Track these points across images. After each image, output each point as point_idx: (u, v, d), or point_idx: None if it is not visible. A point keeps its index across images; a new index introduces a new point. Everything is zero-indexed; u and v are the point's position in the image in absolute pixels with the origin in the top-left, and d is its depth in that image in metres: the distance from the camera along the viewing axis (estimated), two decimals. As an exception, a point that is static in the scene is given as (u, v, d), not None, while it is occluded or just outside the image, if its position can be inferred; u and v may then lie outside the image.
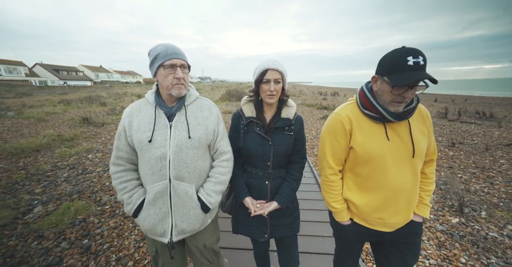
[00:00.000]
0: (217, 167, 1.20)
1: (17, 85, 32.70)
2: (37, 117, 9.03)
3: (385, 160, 1.01)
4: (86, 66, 58.65)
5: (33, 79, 41.66)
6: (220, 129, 1.20)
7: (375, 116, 1.01)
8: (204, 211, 1.14)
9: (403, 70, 0.87)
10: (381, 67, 0.95)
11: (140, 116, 1.09)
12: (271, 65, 1.11)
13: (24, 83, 37.01)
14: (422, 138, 1.03)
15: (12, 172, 3.99)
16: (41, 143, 5.48)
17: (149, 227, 1.09)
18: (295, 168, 1.27)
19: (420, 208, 1.11)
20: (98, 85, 46.83)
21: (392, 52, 0.91)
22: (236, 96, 15.58)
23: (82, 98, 16.55)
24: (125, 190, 1.10)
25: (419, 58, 0.86)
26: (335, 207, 1.15)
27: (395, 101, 0.95)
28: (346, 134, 1.06)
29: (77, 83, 47.68)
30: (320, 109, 12.67)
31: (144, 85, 53.97)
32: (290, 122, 1.20)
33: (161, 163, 1.04)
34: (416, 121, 1.04)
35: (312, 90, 36.39)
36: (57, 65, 51.26)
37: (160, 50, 1.01)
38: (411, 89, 0.90)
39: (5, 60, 41.46)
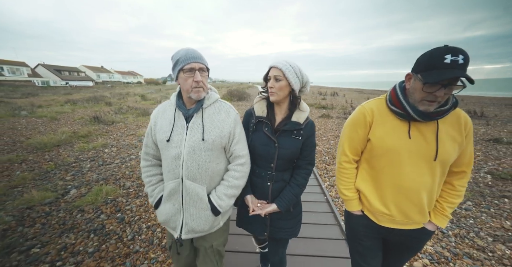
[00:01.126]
0: (231, 171, 1.21)
1: (20, 86, 33.18)
2: (49, 116, 9.51)
3: (400, 157, 0.99)
4: (87, 67, 59.16)
5: (35, 79, 42.15)
6: (236, 133, 1.18)
7: (400, 113, 1.00)
8: (214, 214, 1.15)
9: (438, 67, 0.84)
10: (418, 64, 0.91)
11: (163, 117, 1.16)
12: (274, 63, 1.15)
13: (27, 84, 37.49)
14: (451, 144, 0.97)
15: (42, 163, 4.48)
16: (61, 138, 5.97)
17: (164, 219, 1.16)
18: (300, 174, 1.26)
19: (438, 217, 1.06)
20: (99, 85, 47.30)
21: (432, 49, 0.88)
22: (237, 96, 16.06)
23: (87, 98, 16.98)
24: (150, 183, 1.20)
25: (458, 57, 0.81)
26: (346, 194, 1.17)
27: (426, 99, 0.91)
28: (366, 126, 1.07)
29: (79, 84, 48.16)
30: (319, 108, 13.15)
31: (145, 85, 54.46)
32: (299, 127, 1.18)
33: (175, 162, 1.09)
34: (449, 126, 0.98)
35: (312, 90, 36.83)
36: (59, 65, 51.72)
37: (180, 55, 1.05)
38: (444, 88, 0.85)
39: (8, 60, 41.95)
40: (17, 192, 3.30)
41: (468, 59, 0.82)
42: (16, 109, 10.46)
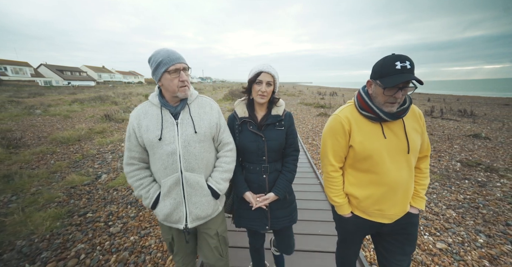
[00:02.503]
0: (222, 157, 1.30)
1: (24, 86, 33.62)
2: (63, 114, 10.11)
3: (382, 156, 1.08)
4: (89, 67, 59.60)
5: (38, 79, 42.64)
6: (221, 123, 1.29)
7: (372, 117, 1.09)
8: (215, 197, 1.24)
9: (392, 73, 0.97)
10: (374, 72, 1.05)
11: (147, 118, 1.17)
12: (265, 68, 1.22)
13: (30, 84, 37.93)
14: (416, 135, 1.11)
15: (70, 155, 5.08)
16: (81, 134, 6.57)
17: (165, 216, 1.19)
18: (289, 161, 1.37)
19: (416, 200, 1.18)
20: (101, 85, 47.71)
21: (383, 59, 1.01)
22: (239, 96, 16.66)
23: (92, 98, 17.50)
24: (142, 186, 1.20)
25: (406, 63, 0.95)
26: (337, 201, 1.23)
27: (388, 102, 1.03)
28: (345, 134, 1.14)
29: (81, 84, 48.58)
30: (317, 107, 13.73)
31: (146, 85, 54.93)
32: (280, 118, 1.30)
33: (172, 157, 1.13)
34: (410, 120, 1.12)
35: (312, 90, 37.45)
36: (61, 65, 52.16)
37: (162, 57, 1.08)
38: (401, 91, 0.98)
39: (12, 61, 42.44)
40: (58, 176, 3.90)
41: (413, 64, 0.97)
42: (30, 108, 11.04)
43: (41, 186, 3.48)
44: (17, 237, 2.31)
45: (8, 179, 3.55)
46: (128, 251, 2.18)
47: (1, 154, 4.69)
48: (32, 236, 2.34)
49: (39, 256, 2.08)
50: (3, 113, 9.62)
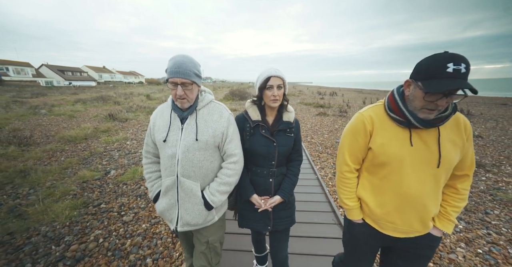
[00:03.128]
0: (224, 169, 1.27)
1: (25, 86, 33.84)
2: (67, 114, 10.35)
3: (403, 165, 0.98)
4: (90, 67, 59.85)
5: (40, 79, 42.88)
6: (229, 132, 1.25)
7: (401, 120, 0.99)
8: (207, 209, 1.21)
9: (440, 76, 0.82)
10: (417, 71, 0.90)
11: (161, 118, 1.23)
12: (274, 73, 1.23)
13: (32, 84, 38.17)
14: (453, 149, 0.97)
15: (78, 152, 5.31)
16: (87, 133, 6.80)
17: (160, 212, 1.25)
18: (294, 165, 1.42)
19: (443, 222, 1.05)
20: (102, 85, 47.90)
21: (432, 56, 0.86)
22: (239, 96, 16.88)
23: (94, 98, 17.71)
24: (150, 179, 1.29)
25: (460, 66, 0.80)
26: (348, 204, 1.16)
27: (426, 108, 0.90)
28: (366, 134, 1.06)
29: (81, 84, 48.78)
30: (317, 107, 13.95)
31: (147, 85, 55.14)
32: (291, 125, 1.33)
33: (171, 160, 1.16)
34: (450, 131, 0.97)
35: (312, 90, 37.63)
36: (62, 66, 52.42)
37: (169, 66, 1.10)
38: (446, 98, 0.85)
39: (13, 61, 42.70)
40: (69, 172, 4.13)
41: (470, 67, 0.81)
42: (36, 108, 11.28)
43: (55, 181, 3.72)
44: (41, 224, 2.54)
45: (25, 174, 3.78)
46: (141, 237, 2.42)
47: (14, 151, 4.93)
48: (53, 223, 2.57)
49: (63, 240, 2.31)
50: (10, 113, 9.86)
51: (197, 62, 1.17)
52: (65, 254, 2.12)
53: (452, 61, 0.81)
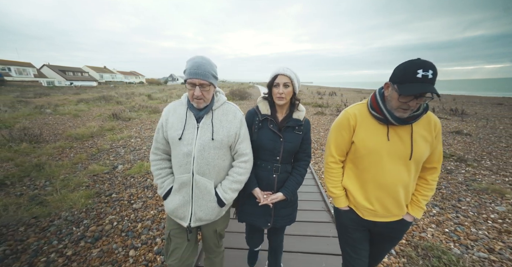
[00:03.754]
0: (235, 167, 1.31)
1: (27, 86, 34.15)
2: (72, 113, 10.66)
3: (381, 157, 1.10)
4: (90, 67, 60.13)
5: (41, 80, 43.18)
6: (241, 133, 1.29)
7: (380, 118, 1.11)
8: (220, 205, 1.26)
9: (411, 81, 0.95)
10: (394, 75, 1.02)
11: (175, 115, 1.24)
12: (281, 71, 1.25)
13: (34, 84, 38.48)
14: (424, 144, 1.09)
15: (86, 149, 5.62)
16: (93, 131, 7.11)
17: (172, 209, 1.24)
18: (301, 165, 1.41)
19: (414, 209, 1.18)
20: (103, 85, 48.19)
21: (406, 63, 0.98)
22: (239, 96, 17.17)
23: (96, 98, 17.99)
24: (159, 176, 1.28)
25: (428, 72, 0.93)
26: (334, 192, 1.28)
27: (401, 107, 1.02)
28: (350, 129, 1.18)
29: (83, 84, 49.06)
30: (315, 107, 14.23)
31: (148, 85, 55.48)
32: (300, 123, 1.34)
33: (187, 158, 1.18)
34: (421, 128, 1.10)
35: (312, 90, 37.92)
36: (63, 66, 52.72)
37: (188, 67, 1.13)
38: (416, 99, 0.97)
39: (15, 61, 43.02)
40: (80, 166, 4.44)
41: (437, 73, 0.94)
42: (41, 108, 11.59)
43: (68, 174, 4.02)
44: (60, 210, 2.85)
45: (40, 168, 4.08)
46: (150, 221, 2.72)
47: (27, 148, 5.23)
48: (72, 209, 2.87)
49: (82, 223, 2.62)
50: (17, 113, 10.16)
51: (214, 64, 1.21)
52: (85, 234, 2.43)
53: (421, 68, 0.93)
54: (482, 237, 2.31)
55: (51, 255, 2.13)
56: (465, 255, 2.08)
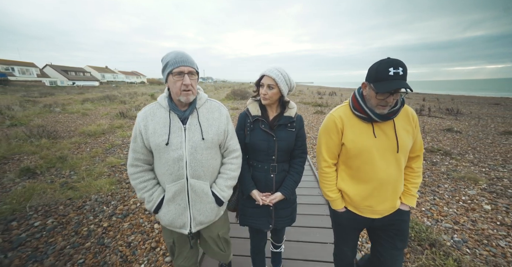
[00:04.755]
0: (227, 164, 1.29)
1: (31, 86, 34.55)
2: (81, 112, 11.08)
3: (372, 154, 1.15)
4: (92, 67, 60.56)
5: (44, 79, 43.64)
6: (229, 129, 1.28)
7: (364, 117, 1.16)
8: (218, 205, 1.24)
9: (385, 79, 1.02)
10: (369, 75, 1.10)
11: (155, 120, 1.14)
12: (267, 72, 1.24)
13: (37, 84, 38.90)
14: (406, 136, 1.16)
15: (100, 144, 6.04)
16: (104, 128, 7.53)
17: (169, 221, 1.18)
18: (297, 162, 1.41)
19: (407, 198, 1.24)
20: (104, 85, 48.58)
21: (378, 62, 1.06)
22: (240, 96, 17.59)
23: (100, 97, 18.38)
24: (145, 189, 1.18)
25: (399, 69, 1.00)
26: (330, 195, 1.30)
27: (380, 105, 1.09)
28: (338, 132, 1.21)
29: (85, 84, 49.45)
30: (315, 106, 14.63)
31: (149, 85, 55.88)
32: (292, 120, 1.33)
33: (178, 163, 1.12)
34: (402, 121, 1.17)
35: (312, 90, 38.24)
36: (65, 66, 53.15)
37: (170, 58, 1.08)
38: (392, 95, 1.05)
39: (19, 61, 43.53)
40: (98, 159, 4.85)
41: (406, 69, 1.01)
42: (50, 107, 12.02)
43: (89, 165, 4.44)
44: (90, 193, 3.26)
45: (63, 160, 4.51)
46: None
47: (47, 143, 5.65)
48: (99, 193, 3.29)
49: (110, 203, 3.04)
50: (28, 111, 10.59)
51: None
52: (115, 212, 2.85)
53: (392, 66, 1.01)
54: (451, 213, 2.72)
55: (90, 226, 2.55)
56: (434, 226, 2.49)
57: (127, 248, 2.25)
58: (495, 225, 2.46)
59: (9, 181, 3.60)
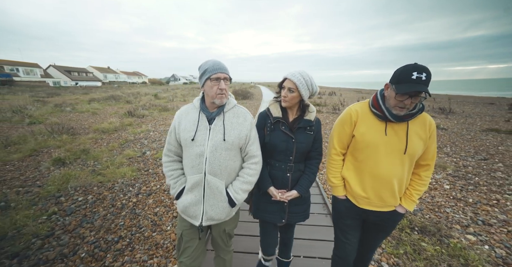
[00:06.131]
0: (246, 169, 1.37)
1: (35, 86, 35.17)
2: (91, 111, 11.69)
3: (378, 150, 1.22)
4: (95, 67, 61.18)
5: (48, 80, 44.29)
6: (252, 135, 1.35)
7: (379, 115, 1.22)
8: (231, 205, 1.31)
9: (406, 81, 1.06)
10: (393, 76, 1.14)
11: (187, 118, 1.31)
12: (289, 76, 1.31)
13: (41, 84, 39.53)
14: (418, 141, 1.19)
15: (114, 140, 6.63)
16: (116, 126, 8.13)
17: (184, 207, 1.30)
18: (313, 163, 1.47)
19: (407, 202, 1.27)
20: (107, 85, 49.14)
21: (404, 66, 1.10)
22: (242, 95, 18.17)
23: (106, 97, 18.92)
24: (172, 177, 1.34)
25: (422, 75, 1.04)
26: (334, 181, 1.40)
27: (398, 106, 1.14)
28: (351, 124, 1.30)
29: (87, 84, 50.02)
30: (314, 105, 15.14)
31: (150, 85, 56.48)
32: (311, 123, 1.39)
33: (199, 159, 1.24)
34: (417, 126, 1.20)
35: (311, 90, 38.59)
36: (68, 66, 53.72)
37: (209, 66, 1.21)
38: (411, 98, 1.08)
39: (23, 62, 44.18)
40: (115, 152, 5.45)
41: (430, 76, 1.05)
42: (60, 106, 12.64)
43: (109, 157, 5.03)
44: (116, 178, 3.86)
45: (86, 152, 5.11)
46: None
47: (67, 138, 6.26)
48: (124, 178, 3.89)
49: (134, 186, 3.64)
50: (40, 111, 11.20)
51: None
52: (140, 191, 3.44)
53: (416, 71, 1.05)
54: (417, 192, 3.29)
55: (122, 201, 3.15)
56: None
57: (154, 216, 2.84)
58: (448, 199, 3.05)
59: (45, 168, 4.21)
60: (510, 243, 2.24)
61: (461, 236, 2.34)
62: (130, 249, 2.25)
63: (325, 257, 2.07)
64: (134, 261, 2.09)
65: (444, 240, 2.22)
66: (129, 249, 2.25)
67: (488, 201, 3.01)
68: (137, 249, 2.26)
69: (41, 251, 2.18)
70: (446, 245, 2.16)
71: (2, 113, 9.52)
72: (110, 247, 2.28)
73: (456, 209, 2.83)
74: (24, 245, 2.22)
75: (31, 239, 2.32)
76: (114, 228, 2.57)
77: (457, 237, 2.31)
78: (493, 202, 2.97)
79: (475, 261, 1.90)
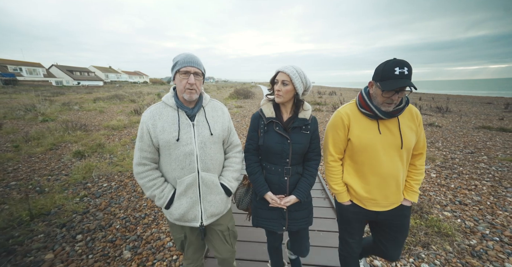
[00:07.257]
0: (232, 158, 1.40)
1: (38, 85, 35.55)
2: (98, 110, 12.07)
3: (376, 150, 1.21)
4: (96, 67, 61.59)
5: (51, 79, 44.70)
6: (231, 126, 1.40)
7: (369, 114, 1.22)
8: (227, 195, 1.34)
9: (391, 78, 1.08)
10: (376, 74, 1.16)
11: (163, 119, 1.20)
12: (281, 68, 1.25)
13: (44, 84, 39.96)
14: (410, 133, 1.22)
15: (125, 136, 7.01)
16: (125, 123, 8.51)
17: (181, 215, 1.23)
18: (311, 165, 1.40)
19: (409, 194, 1.29)
20: (109, 85, 49.50)
21: (385, 63, 1.12)
22: (243, 95, 18.53)
23: (109, 96, 19.23)
24: (155, 187, 1.22)
25: (404, 69, 1.06)
26: (336, 188, 1.36)
27: (385, 102, 1.15)
28: (344, 128, 1.28)
29: (89, 84, 50.41)
30: (314, 105, 15.52)
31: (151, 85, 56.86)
32: (307, 122, 1.32)
33: (189, 158, 1.19)
34: (406, 119, 1.23)
35: (313, 90, 38.84)
36: (71, 66, 54.14)
37: (180, 58, 1.16)
38: (397, 93, 1.10)
39: (26, 62, 44.64)
40: (128, 146, 5.83)
41: (411, 69, 1.08)
42: (68, 105, 13.03)
43: (122, 151, 5.41)
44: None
45: (102, 146, 5.49)
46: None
47: (81, 134, 6.64)
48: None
49: (151, 174, 4.01)
50: (50, 109, 11.59)
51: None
52: (157, 179, 3.82)
53: (398, 66, 1.07)
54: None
55: (143, 187, 3.52)
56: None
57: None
58: (433, 185, 3.42)
59: (67, 160, 4.59)
60: (479, 217, 2.62)
61: (439, 213, 2.71)
62: (156, 223, 2.63)
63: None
64: (161, 232, 2.47)
65: (424, 216, 2.58)
66: (155, 223, 2.63)
67: (467, 186, 3.37)
68: (161, 223, 2.63)
69: (82, 223, 2.57)
70: (425, 219, 2.52)
71: (16, 112, 9.91)
72: (138, 221, 2.65)
73: (438, 193, 3.19)
74: (67, 219, 2.61)
75: (71, 215, 2.71)
76: (139, 207, 2.95)
77: (435, 213, 2.68)
78: (471, 187, 3.34)
79: (447, 229, 2.26)
